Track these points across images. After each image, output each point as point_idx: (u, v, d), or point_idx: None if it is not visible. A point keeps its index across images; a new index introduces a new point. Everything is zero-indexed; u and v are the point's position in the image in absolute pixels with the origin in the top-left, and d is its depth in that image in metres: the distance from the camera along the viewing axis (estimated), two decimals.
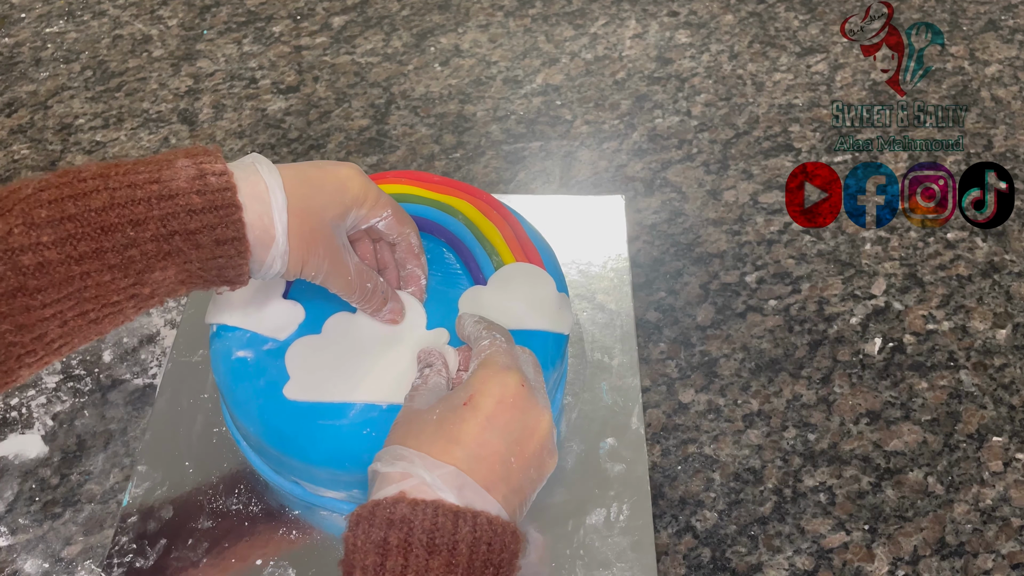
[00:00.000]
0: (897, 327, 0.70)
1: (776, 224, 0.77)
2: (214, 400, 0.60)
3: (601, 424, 0.59)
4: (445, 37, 0.97)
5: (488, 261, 0.58)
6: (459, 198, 0.61)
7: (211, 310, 0.56)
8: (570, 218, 0.72)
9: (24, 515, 0.60)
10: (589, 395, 0.61)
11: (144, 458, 0.57)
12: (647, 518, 0.55)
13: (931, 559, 0.57)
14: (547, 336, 0.55)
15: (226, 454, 0.58)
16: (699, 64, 0.92)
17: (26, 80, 0.93)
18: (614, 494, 0.56)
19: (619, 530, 0.54)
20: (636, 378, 0.61)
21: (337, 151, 0.84)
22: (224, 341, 0.55)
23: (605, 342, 0.64)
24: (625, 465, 0.57)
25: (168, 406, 0.60)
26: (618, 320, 0.65)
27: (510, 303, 0.55)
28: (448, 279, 0.58)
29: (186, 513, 0.55)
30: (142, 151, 0.85)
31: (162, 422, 0.59)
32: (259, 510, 0.56)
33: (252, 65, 0.94)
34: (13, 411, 0.66)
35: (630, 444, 0.58)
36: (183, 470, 0.57)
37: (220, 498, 0.56)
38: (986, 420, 0.64)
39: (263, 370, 0.53)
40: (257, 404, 0.52)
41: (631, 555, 0.53)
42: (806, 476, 0.61)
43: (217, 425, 0.59)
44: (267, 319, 0.55)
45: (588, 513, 0.55)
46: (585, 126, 0.86)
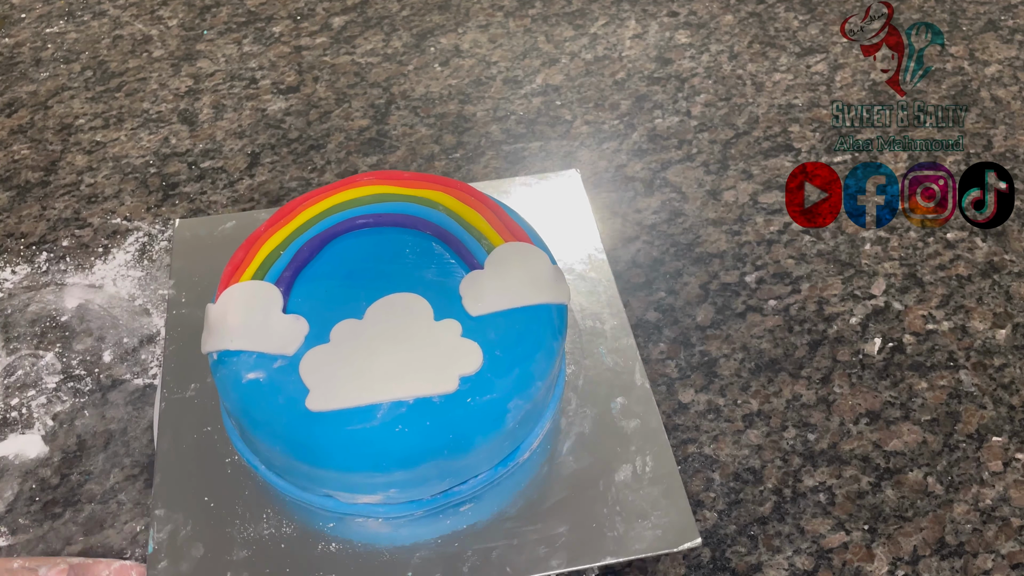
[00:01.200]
0: (897, 327, 0.70)
1: (776, 224, 0.77)
2: (219, 431, 0.58)
3: (608, 386, 0.60)
4: (445, 37, 0.97)
5: (478, 246, 0.58)
6: (436, 191, 0.62)
7: (207, 338, 0.55)
8: (531, 198, 0.73)
9: (24, 515, 0.60)
10: (590, 361, 0.62)
11: (159, 502, 0.55)
12: (671, 466, 0.56)
13: (931, 559, 0.58)
14: (550, 308, 0.56)
15: (245, 481, 0.56)
16: (699, 64, 0.92)
17: (26, 80, 0.93)
18: (635, 449, 0.57)
19: (648, 481, 0.56)
20: (630, 338, 0.63)
21: (337, 151, 0.84)
22: (230, 367, 0.53)
23: (593, 309, 0.65)
24: (639, 420, 0.58)
25: (172, 447, 0.58)
26: (600, 287, 0.66)
27: (509, 282, 0.56)
28: (443, 270, 0.58)
29: (218, 548, 0.53)
30: (142, 151, 0.85)
31: (170, 464, 0.57)
32: (292, 530, 0.54)
33: (252, 65, 0.94)
34: (13, 411, 0.66)
35: (639, 400, 0.60)
36: (204, 506, 0.55)
37: (249, 526, 0.54)
38: (986, 420, 0.64)
39: (279, 388, 0.52)
40: (281, 422, 0.51)
41: (664, 502, 0.55)
42: (806, 476, 0.61)
43: (228, 455, 0.57)
44: (271, 337, 0.54)
45: (615, 471, 0.56)
46: (585, 126, 0.86)
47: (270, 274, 0.57)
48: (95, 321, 0.71)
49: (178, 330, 0.63)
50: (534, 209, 0.71)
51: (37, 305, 0.73)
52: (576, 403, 0.60)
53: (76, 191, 0.82)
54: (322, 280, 0.57)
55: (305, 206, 0.61)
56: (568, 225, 0.71)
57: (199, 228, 0.70)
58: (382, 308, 0.55)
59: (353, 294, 0.56)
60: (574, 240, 0.69)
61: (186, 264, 0.67)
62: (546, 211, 0.72)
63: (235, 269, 0.57)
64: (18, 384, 0.67)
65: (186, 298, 0.65)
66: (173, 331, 0.63)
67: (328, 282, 0.57)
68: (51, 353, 0.69)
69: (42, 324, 0.71)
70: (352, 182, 0.62)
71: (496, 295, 0.55)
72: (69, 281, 0.74)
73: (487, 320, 0.54)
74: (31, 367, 0.68)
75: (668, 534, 0.53)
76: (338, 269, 0.58)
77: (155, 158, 0.84)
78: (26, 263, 0.76)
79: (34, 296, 0.73)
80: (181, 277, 0.66)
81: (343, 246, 0.59)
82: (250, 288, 0.56)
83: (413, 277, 0.57)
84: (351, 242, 0.60)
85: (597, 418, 0.59)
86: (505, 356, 0.53)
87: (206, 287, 0.65)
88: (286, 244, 0.58)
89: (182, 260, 0.68)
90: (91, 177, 0.83)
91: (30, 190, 0.82)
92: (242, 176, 0.82)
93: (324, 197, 0.61)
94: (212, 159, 0.84)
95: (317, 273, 0.58)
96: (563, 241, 0.68)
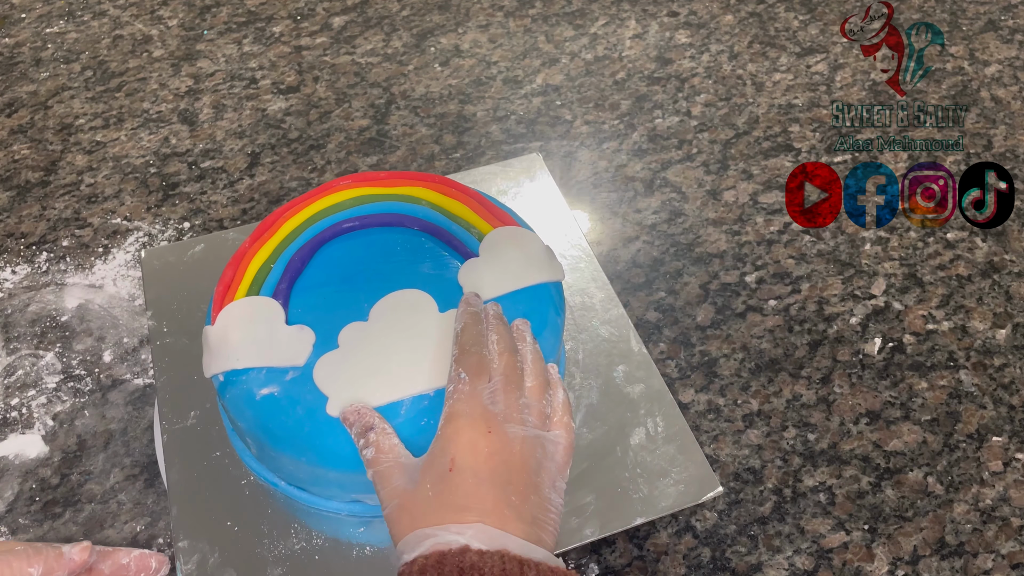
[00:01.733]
0: (897, 327, 0.70)
1: (776, 224, 0.77)
2: (229, 455, 0.58)
3: (607, 356, 0.62)
4: (445, 37, 0.97)
5: (468, 235, 0.59)
6: (416, 186, 0.62)
7: (210, 361, 0.54)
8: (499, 185, 0.73)
9: (24, 515, 0.60)
10: (586, 335, 0.63)
11: (181, 534, 0.54)
12: (681, 423, 0.58)
13: (931, 559, 0.58)
14: (548, 286, 0.57)
15: (265, 500, 0.56)
16: (699, 64, 0.92)
17: (26, 80, 0.93)
18: (644, 412, 0.59)
19: (662, 440, 0.58)
20: (620, 308, 0.65)
21: (337, 151, 0.84)
22: (240, 385, 0.53)
23: (579, 284, 0.66)
24: (643, 384, 0.60)
25: (182, 477, 0.57)
26: (582, 263, 0.68)
27: (506, 266, 0.57)
28: (438, 263, 0.58)
29: (251, 570, 0.53)
30: (142, 151, 0.85)
31: (183, 494, 0.56)
32: (323, 541, 0.54)
33: (252, 65, 0.94)
34: (13, 411, 0.66)
35: (640, 365, 0.61)
36: (227, 531, 0.54)
37: (279, 543, 0.54)
38: (986, 420, 0.64)
39: (296, 399, 0.52)
40: (304, 433, 0.51)
41: (681, 459, 0.57)
42: (806, 476, 0.61)
43: (243, 477, 0.57)
44: (278, 350, 0.53)
45: (629, 436, 0.58)
46: (585, 126, 0.86)
47: (264, 288, 0.56)
48: (95, 321, 0.71)
49: (166, 360, 0.62)
50: (503, 195, 0.72)
51: (37, 305, 0.73)
52: (580, 377, 0.61)
53: (76, 191, 0.82)
54: (319, 288, 0.57)
55: (286, 217, 0.60)
56: (540, 207, 0.72)
57: (167, 255, 0.69)
58: (386, 307, 0.55)
59: (353, 297, 0.56)
60: (548, 221, 0.70)
61: (161, 293, 0.66)
62: (515, 196, 0.73)
63: (227, 288, 0.56)
64: (18, 384, 0.67)
65: (168, 327, 0.63)
66: (161, 362, 0.62)
67: (325, 289, 0.57)
68: (51, 353, 0.69)
69: (42, 324, 0.71)
70: (329, 188, 0.62)
71: (495, 280, 0.56)
72: (69, 281, 0.74)
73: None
74: (31, 367, 0.68)
75: (691, 488, 0.55)
76: (333, 275, 0.58)
77: (155, 158, 0.84)
78: (26, 263, 0.76)
79: (34, 296, 0.73)
80: (158, 307, 0.65)
81: (333, 251, 0.59)
82: (248, 304, 0.55)
83: (410, 273, 0.57)
84: (340, 247, 0.59)
85: (603, 388, 0.60)
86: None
87: (187, 314, 0.64)
88: (275, 256, 0.58)
89: (156, 290, 0.66)
90: (91, 177, 0.83)
91: (30, 190, 0.82)
92: (242, 176, 0.82)
93: (304, 206, 0.61)
94: (212, 159, 0.84)
95: (312, 281, 0.57)
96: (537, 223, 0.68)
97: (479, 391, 0.47)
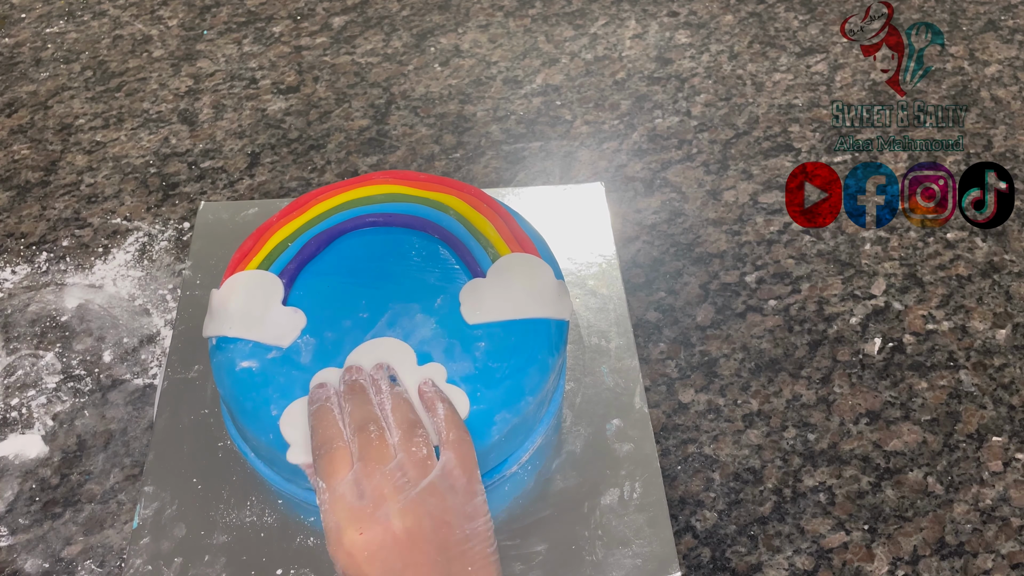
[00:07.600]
0: (897, 327, 0.70)
1: (776, 224, 0.77)
2: (215, 415, 0.59)
3: (605, 406, 0.60)
4: (445, 37, 0.97)
5: (484, 254, 0.58)
6: (448, 194, 0.61)
7: (208, 323, 0.55)
8: (552, 208, 0.72)
9: (24, 515, 0.60)
10: (590, 379, 0.62)
11: (150, 478, 0.56)
12: (660, 494, 0.56)
13: (931, 559, 0.58)
14: (549, 323, 0.55)
15: (234, 467, 0.57)
16: (699, 64, 0.92)
17: (26, 80, 0.93)
18: (625, 473, 0.57)
19: (634, 508, 0.55)
20: (634, 359, 0.62)
21: (337, 151, 0.84)
22: (226, 353, 0.54)
23: (600, 326, 0.64)
24: (633, 444, 0.58)
25: (168, 424, 0.59)
26: (610, 304, 0.66)
27: (510, 293, 0.55)
28: (446, 275, 0.58)
29: (200, 529, 0.54)
30: (142, 151, 0.85)
31: (164, 441, 0.58)
32: (273, 520, 0.55)
33: (252, 65, 0.94)
34: (13, 411, 0.66)
35: (636, 424, 0.59)
36: (191, 487, 0.56)
37: (232, 512, 0.55)
38: (986, 420, 0.64)
39: (270, 379, 0.52)
40: (268, 414, 0.51)
41: (648, 531, 0.54)
42: (806, 476, 0.61)
43: (221, 439, 0.58)
44: (268, 327, 0.54)
45: (602, 494, 0.56)
46: (585, 126, 0.86)
47: (275, 265, 0.57)
48: (95, 321, 0.71)
49: (189, 311, 0.64)
50: (553, 219, 0.70)
51: (37, 305, 0.73)
52: (571, 421, 0.59)
53: (76, 191, 0.82)
54: (325, 276, 0.57)
55: (318, 200, 0.61)
56: (586, 239, 0.70)
57: (222, 212, 0.72)
58: (361, 355, 0.53)
59: (354, 292, 0.56)
60: (590, 255, 0.68)
61: (204, 246, 0.68)
62: (565, 223, 0.71)
63: (243, 257, 0.57)
64: (18, 384, 0.67)
65: (200, 280, 0.66)
66: (185, 311, 0.64)
67: (331, 278, 0.57)
68: (51, 353, 0.69)
69: (42, 324, 0.71)
70: (367, 179, 0.62)
71: (495, 305, 0.54)
72: (69, 281, 0.74)
73: (483, 329, 0.54)
74: (31, 367, 0.68)
75: (648, 565, 0.53)
76: (342, 266, 0.58)
77: (155, 158, 0.84)
78: (26, 263, 0.76)
79: (34, 296, 0.73)
80: (199, 259, 0.67)
81: (350, 243, 0.59)
82: (254, 277, 0.56)
83: (416, 280, 0.57)
84: (358, 240, 0.60)
85: (590, 438, 0.58)
86: (496, 368, 0.52)
87: (221, 271, 0.65)
88: (294, 236, 0.58)
89: (201, 242, 0.69)
90: (91, 177, 0.83)
91: (30, 190, 0.82)
92: (242, 176, 0.82)
93: (338, 192, 0.61)
94: (212, 159, 0.84)
95: (321, 268, 0.58)
96: (579, 255, 0.67)
97: (340, 492, 0.45)
